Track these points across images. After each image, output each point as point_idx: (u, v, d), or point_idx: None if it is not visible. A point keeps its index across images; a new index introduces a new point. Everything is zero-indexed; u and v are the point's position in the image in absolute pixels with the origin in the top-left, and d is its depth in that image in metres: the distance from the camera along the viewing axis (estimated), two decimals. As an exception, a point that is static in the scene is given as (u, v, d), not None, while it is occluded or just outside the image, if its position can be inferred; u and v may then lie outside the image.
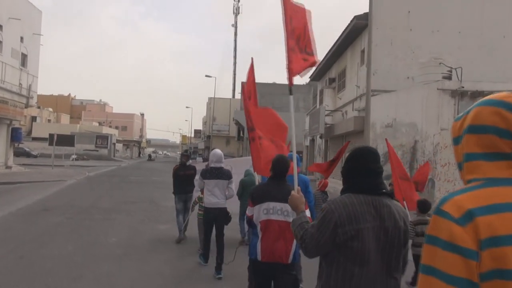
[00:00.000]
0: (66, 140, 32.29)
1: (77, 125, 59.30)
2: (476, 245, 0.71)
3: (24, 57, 24.21)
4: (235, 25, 57.11)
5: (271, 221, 3.15)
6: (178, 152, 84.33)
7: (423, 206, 5.24)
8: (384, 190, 1.89)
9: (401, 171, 5.62)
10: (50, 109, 64.08)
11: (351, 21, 16.12)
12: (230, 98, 54.04)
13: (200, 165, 8.15)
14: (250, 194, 3.37)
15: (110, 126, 70.74)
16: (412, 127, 12.70)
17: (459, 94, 10.88)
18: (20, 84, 23.81)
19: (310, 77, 27.08)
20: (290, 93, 3.06)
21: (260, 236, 3.16)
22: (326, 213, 1.86)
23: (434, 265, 0.74)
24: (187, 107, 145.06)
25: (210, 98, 54.17)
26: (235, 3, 57.18)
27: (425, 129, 12.13)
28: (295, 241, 3.04)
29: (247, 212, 3.33)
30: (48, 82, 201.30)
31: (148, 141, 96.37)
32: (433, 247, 0.76)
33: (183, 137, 76.53)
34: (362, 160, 1.93)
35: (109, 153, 55.42)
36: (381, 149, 14.11)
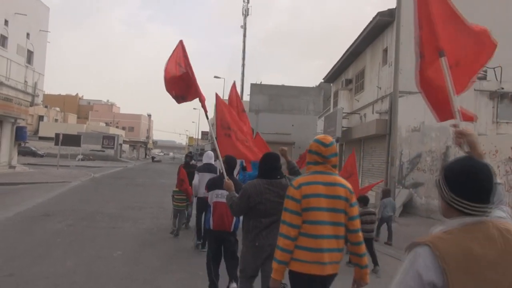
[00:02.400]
0: (72, 140, 31.73)
1: (84, 125, 59.24)
2: (300, 197, 2.49)
3: (30, 54, 23.56)
4: (244, 27, 56.52)
5: (219, 202, 4.65)
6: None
7: (364, 200, 7.22)
8: (279, 177, 3.54)
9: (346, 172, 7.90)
10: (57, 109, 63.92)
11: (374, 18, 15.20)
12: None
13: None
14: (207, 184, 5.01)
15: (117, 127, 70.47)
16: (443, 131, 11.72)
17: (499, 96, 9.91)
18: (25, 81, 23.13)
19: (323, 79, 26.28)
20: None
21: (211, 212, 4.68)
22: (243, 190, 3.53)
23: (286, 206, 2.55)
24: (194, 108, 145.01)
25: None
26: (244, 4, 56.64)
27: (459, 133, 11.14)
28: (235, 217, 4.56)
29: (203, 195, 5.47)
30: (56, 82, 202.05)
31: (155, 142, 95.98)
32: (286, 199, 2.55)
33: (190, 138, 75.96)
34: (267, 160, 3.61)
35: (115, 153, 54.99)
36: (407, 155, 13.21)
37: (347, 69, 21.32)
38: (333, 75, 23.64)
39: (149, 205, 12.78)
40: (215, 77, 47.11)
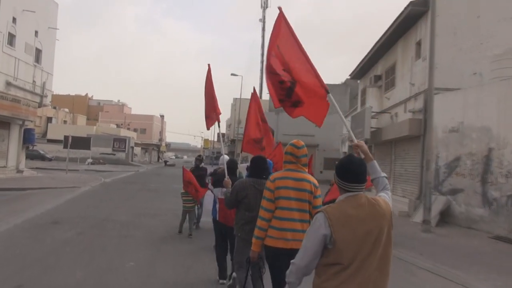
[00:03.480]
0: (81, 142, 32.41)
1: (94, 127, 60.42)
2: (274, 188, 3.72)
3: (38, 52, 24.16)
4: (263, 20, 56.53)
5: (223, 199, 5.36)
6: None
7: None
8: (264, 177, 4.54)
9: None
10: (66, 110, 65.49)
11: (405, 8, 14.92)
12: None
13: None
14: (213, 180, 6.39)
15: (128, 128, 71.70)
16: (485, 132, 11.37)
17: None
18: (33, 81, 23.74)
19: (349, 75, 26.00)
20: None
21: (218, 206, 5.83)
22: (233, 186, 4.73)
23: (264, 195, 3.79)
24: None
25: (235, 99, 53.60)
26: (263, -5, 56.65)
27: (503, 134, 10.79)
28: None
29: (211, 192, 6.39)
30: (65, 82, 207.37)
31: (168, 145, 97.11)
32: (265, 190, 3.81)
33: (205, 141, 76.18)
34: (255, 162, 4.72)
35: (126, 157, 55.95)
36: (444, 158, 12.87)
37: (376, 64, 21.04)
38: (361, 71, 23.37)
39: (162, 212, 12.91)
40: (232, 74, 47.37)
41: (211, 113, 6.04)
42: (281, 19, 4.36)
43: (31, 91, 23.37)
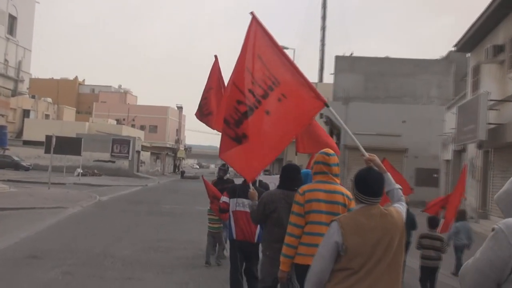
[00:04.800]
0: (69, 145, 33.34)
1: (86, 123, 61.84)
2: (303, 202, 4.83)
3: (12, 20, 25.05)
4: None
5: (239, 211, 6.89)
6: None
7: (433, 222, 8.97)
8: (296, 188, 5.24)
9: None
10: (49, 100, 67.88)
11: None
12: (316, 83, 53.19)
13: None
14: (228, 190, 7.35)
15: (133, 125, 73.11)
16: None
17: None
18: (5, 60, 24.68)
19: (454, 46, 25.39)
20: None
21: (233, 222, 6.97)
22: (261, 198, 5.84)
23: (293, 209, 4.90)
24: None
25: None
26: None
27: None
28: (258, 226, 6.64)
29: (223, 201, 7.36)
30: (47, 61, 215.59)
31: (188, 149, 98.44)
32: (293, 204, 4.93)
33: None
34: (285, 171, 5.92)
35: (130, 166, 57.26)
36: None
37: (495, 30, 20.55)
38: (472, 40, 22.87)
39: (180, 245, 13.00)
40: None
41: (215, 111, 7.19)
42: (256, 26, 5.47)
43: (1, 74, 24.29)
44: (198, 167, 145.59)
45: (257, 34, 5.45)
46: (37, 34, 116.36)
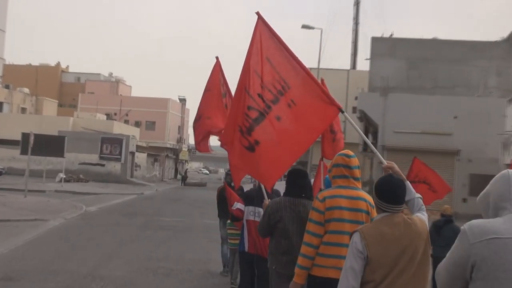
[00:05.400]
0: (50, 145, 33.41)
1: (70, 119, 61.47)
2: (324, 209, 5.24)
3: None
4: None
5: (252, 221, 7.57)
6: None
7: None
8: (303, 195, 6.33)
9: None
10: (26, 90, 68.09)
11: None
12: (348, 70, 52.97)
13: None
14: (242, 196, 8.46)
15: (126, 121, 72.99)
16: None
17: None
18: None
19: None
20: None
21: (246, 232, 7.69)
22: (266, 208, 6.54)
23: (311, 217, 5.35)
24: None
25: (309, 70, 53.28)
26: None
27: None
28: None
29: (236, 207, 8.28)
30: (24, 44, 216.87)
31: (192, 150, 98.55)
32: (312, 211, 5.38)
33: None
34: (291, 177, 6.45)
35: (123, 170, 57.08)
36: None
37: None
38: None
39: (184, 266, 13.02)
40: (305, 27, 47.18)
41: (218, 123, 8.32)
42: (262, 26, 6.14)
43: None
44: (207, 172, 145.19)
45: (264, 35, 6.11)
46: (13, 13, 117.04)
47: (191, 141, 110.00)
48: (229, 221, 10.76)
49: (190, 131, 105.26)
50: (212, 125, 9.07)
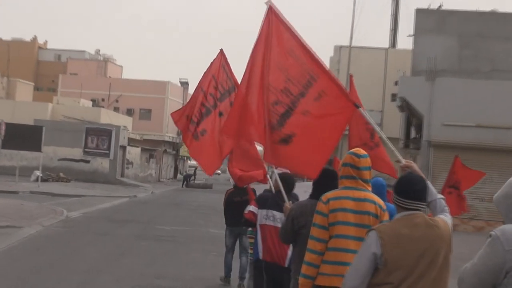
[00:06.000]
0: (25, 136, 33.49)
1: (48, 105, 61.81)
2: (327, 211, 5.83)
3: None
4: None
5: (267, 226, 8.10)
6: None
7: None
8: None
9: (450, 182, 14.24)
10: (-4, 70, 68.47)
11: None
12: (386, 49, 52.77)
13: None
14: (257, 199, 8.94)
15: (116, 109, 73.12)
16: None
17: None
18: None
19: None
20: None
21: (260, 238, 8.25)
22: (289, 211, 7.09)
23: (314, 221, 5.95)
24: None
25: (339, 48, 53.24)
26: None
27: None
28: (291, 246, 7.50)
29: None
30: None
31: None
32: (315, 214, 5.98)
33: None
34: (322, 179, 6.77)
35: (112, 167, 57.27)
36: None
37: None
38: None
39: (187, 284, 13.26)
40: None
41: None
42: (276, 18, 6.94)
43: None
44: (218, 171, 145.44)
45: (278, 28, 6.96)
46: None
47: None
48: (250, 229, 10.98)
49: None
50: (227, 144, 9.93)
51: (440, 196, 5.01)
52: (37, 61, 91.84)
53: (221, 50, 10.70)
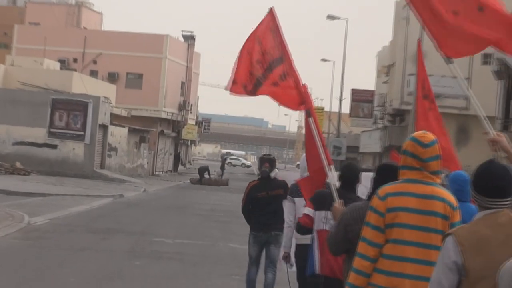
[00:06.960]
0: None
1: (1, 66, 61.39)
2: (384, 210, 6.44)
3: None
4: None
5: (327, 231, 8.84)
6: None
7: None
8: None
9: None
10: None
11: None
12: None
13: None
14: (312, 199, 10.11)
15: (93, 72, 73.43)
16: None
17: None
18: None
19: None
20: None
21: (316, 247, 9.45)
22: (340, 215, 8.01)
23: (368, 219, 6.63)
24: (323, 60, 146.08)
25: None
26: None
27: None
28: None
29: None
30: None
31: (205, 123, 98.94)
32: (369, 211, 6.63)
33: (318, 112, 76.69)
34: (380, 175, 7.90)
35: (89, 155, 56.34)
36: None
37: None
38: None
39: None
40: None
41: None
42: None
43: None
44: (245, 162, 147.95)
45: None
46: None
47: (204, 109, 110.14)
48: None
49: (201, 91, 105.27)
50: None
51: None
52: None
53: (271, 9, 11.27)
